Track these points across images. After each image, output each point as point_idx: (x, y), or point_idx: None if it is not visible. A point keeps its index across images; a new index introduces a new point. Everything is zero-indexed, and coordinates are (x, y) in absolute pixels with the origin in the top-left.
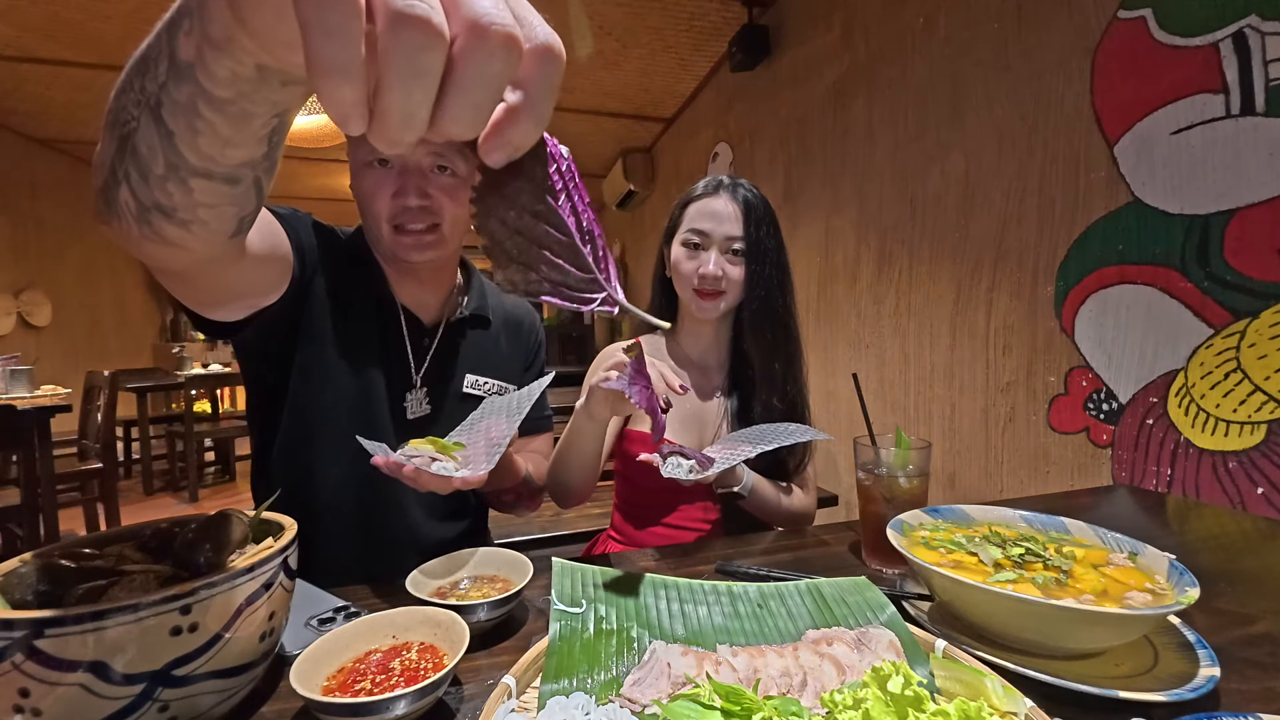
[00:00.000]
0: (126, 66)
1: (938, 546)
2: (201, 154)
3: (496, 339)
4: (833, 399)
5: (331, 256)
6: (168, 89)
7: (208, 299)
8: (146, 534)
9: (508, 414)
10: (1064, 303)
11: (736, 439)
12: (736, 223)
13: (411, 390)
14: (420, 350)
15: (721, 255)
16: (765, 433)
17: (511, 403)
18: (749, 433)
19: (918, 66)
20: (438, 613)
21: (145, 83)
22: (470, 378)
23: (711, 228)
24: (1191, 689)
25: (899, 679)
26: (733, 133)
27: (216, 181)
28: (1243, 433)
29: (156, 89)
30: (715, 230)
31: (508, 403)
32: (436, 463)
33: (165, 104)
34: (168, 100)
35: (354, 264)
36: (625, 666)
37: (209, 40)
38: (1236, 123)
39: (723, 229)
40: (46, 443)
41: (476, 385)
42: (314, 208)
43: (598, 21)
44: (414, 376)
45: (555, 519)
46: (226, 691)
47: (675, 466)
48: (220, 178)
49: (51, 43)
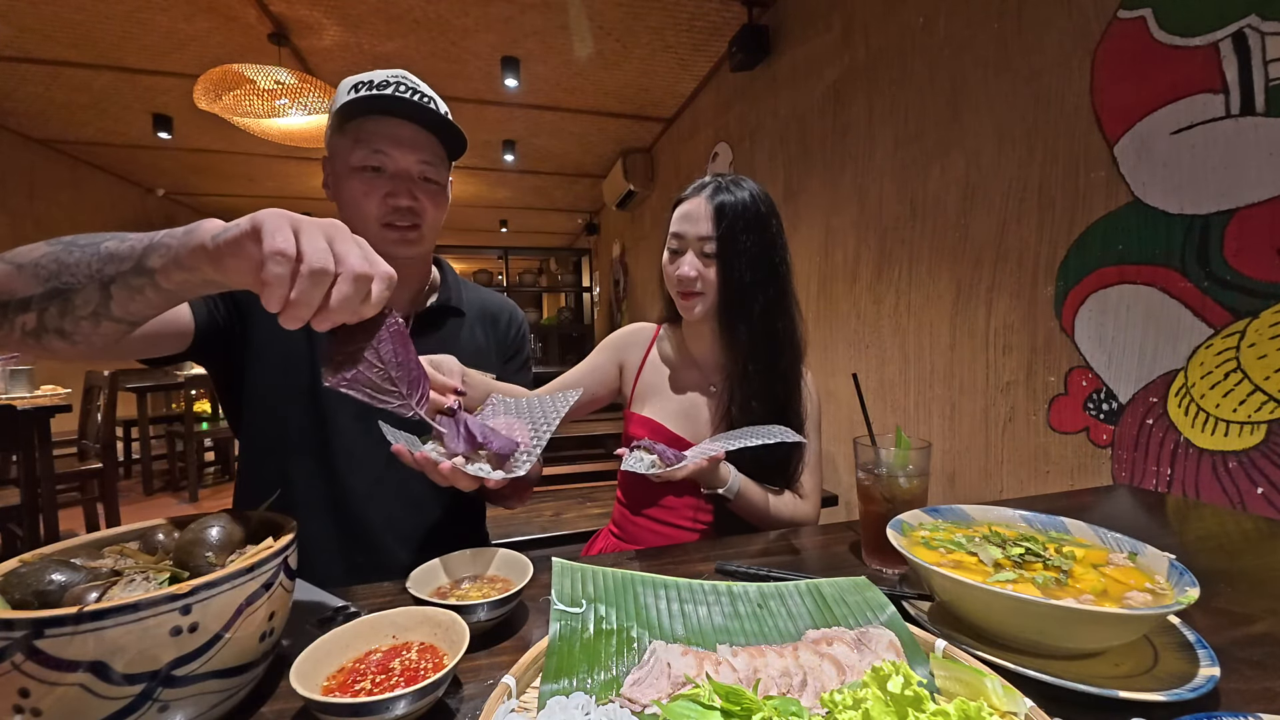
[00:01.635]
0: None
1: (938, 546)
2: (129, 312)
3: (471, 330)
4: (833, 399)
5: None
6: (125, 276)
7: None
8: (146, 534)
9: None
10: (1064, 303)
11: (716, 439)
12: (708, 222)
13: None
14: None
15: (696, 257)
16: (742, 433)
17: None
18: (729, 434)
19: (918, 66)
20: (438, 613)
21: (104, 267)
22: None
23: (686, 229)
24: (1191, 689)
25: (899, 679)
26: (732, 132)
27: (125, 325)
28: (1243, 433)
29: (113, 273)
30: (689, 232)
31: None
32: (472, 464)
33: (117, 282)
34: (121, 281)
35: None
36: (625, 666)
37: (178, 264)
38: (1236, 123)
39: (695, 230)
40: (46, 443)
41: None
42: (312, 207)
43: (598, 21)
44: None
45: (555, 519)
46: (226, 691)
47: (636, 461)
48: (131, 324)
49: (51, 43)
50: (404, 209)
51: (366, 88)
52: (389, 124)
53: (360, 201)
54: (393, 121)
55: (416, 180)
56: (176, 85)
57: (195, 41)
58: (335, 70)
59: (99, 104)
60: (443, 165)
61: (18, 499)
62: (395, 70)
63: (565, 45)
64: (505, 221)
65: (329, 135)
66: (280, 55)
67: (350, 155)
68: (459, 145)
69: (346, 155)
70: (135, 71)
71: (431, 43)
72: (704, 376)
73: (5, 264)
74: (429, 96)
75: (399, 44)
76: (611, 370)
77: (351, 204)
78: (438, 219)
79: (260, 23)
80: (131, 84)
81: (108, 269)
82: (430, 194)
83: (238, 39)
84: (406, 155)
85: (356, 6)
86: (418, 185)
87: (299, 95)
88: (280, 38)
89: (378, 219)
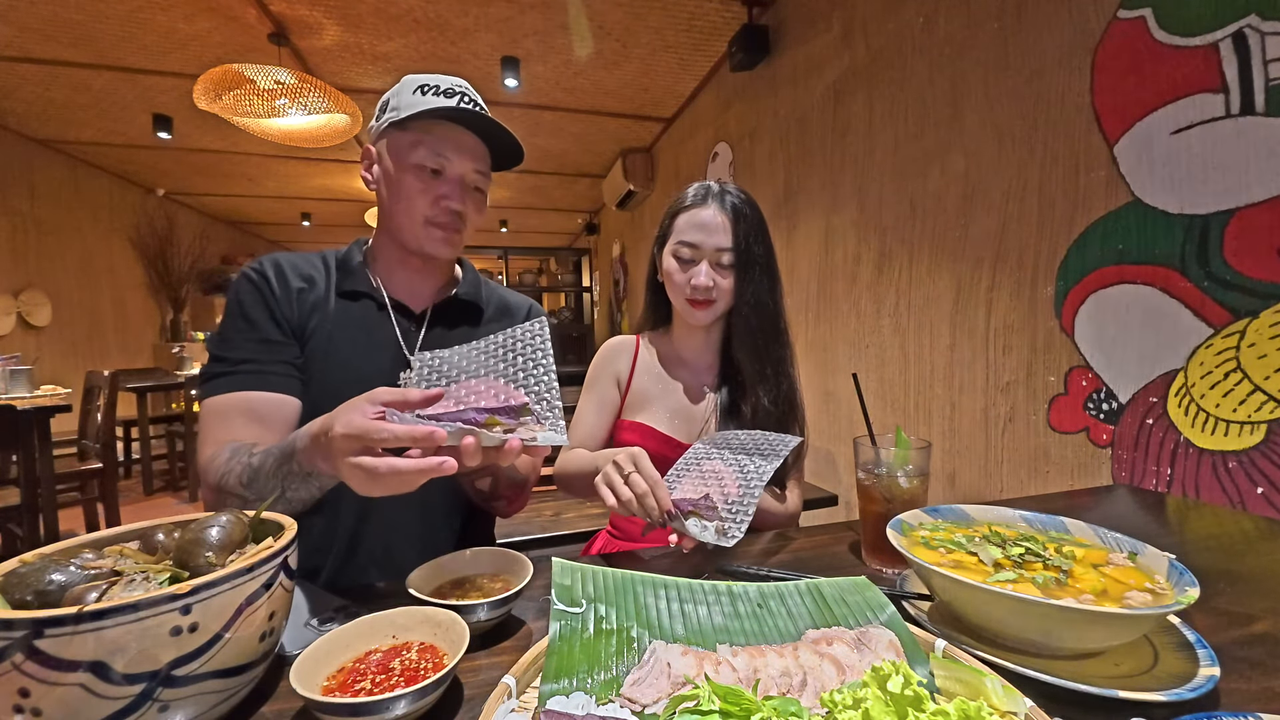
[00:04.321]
0: (254, 471)
1: (938, 546)
2: (289, 502)
3: (489, 325)
4: (832, 399)
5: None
6: (292, 484)
7: None
8: (147, 534)
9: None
10: (1064, 302)
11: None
12: (726, 234)
13: (406, 369)
14: (410, 335)
15: (712, 267)
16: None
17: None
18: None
19: (918, 66)
20: (438, 613)
21: (283, 484)
22: None
23: (701, 239)
24: (1191, 689)
25: (899, 679)
26: (732, 132)
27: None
28: (1243, 432)
29: (279, 484)
30: (705, 242)
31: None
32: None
33: (289, 489)
34: (290, 487)
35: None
36: (625, 666)
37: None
38: (1236, 122)
39: (712, 240)
40: (46, 443)
41: None
42: (312, 207)
43: (598, 21)
44: (408, 357)
45: (555, 519)
46: (226, 691)
47: (701, 530)
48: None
49: (51, 43)
50: (454, 212)
51: (434, 93)
52: (455, 130)
53: (414, 198)
54: (458, 129)
55: (469, 187)
56: (176, 85)
57: (195, 41)
58: (335, 70)
59: (99, 104)
60: (489, 176)
61: (18, 499)
62: (454, 79)
63: (565, 45)
64: (505, 221)
65: (382, 127)
66: (280, 55)
67: (411, 153)
68: (510, 159)
69: (406, 152)
70: (135, 71)
71: (431, 43)
72: (696, 377)
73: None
74: (485, 109)
75: (399, 44)
76: (614, 389)
77: (404, 198)
78: (477, 224)
79: (260, 23)
80: (131, 84)
81: (287, 487)
82: (476, 201)
83: (238, 39)
84: (465, 162)
85: (356, 6)
86: (469, 192)
87: (299, 95)
88: (280, 38)
89: (426, 217)
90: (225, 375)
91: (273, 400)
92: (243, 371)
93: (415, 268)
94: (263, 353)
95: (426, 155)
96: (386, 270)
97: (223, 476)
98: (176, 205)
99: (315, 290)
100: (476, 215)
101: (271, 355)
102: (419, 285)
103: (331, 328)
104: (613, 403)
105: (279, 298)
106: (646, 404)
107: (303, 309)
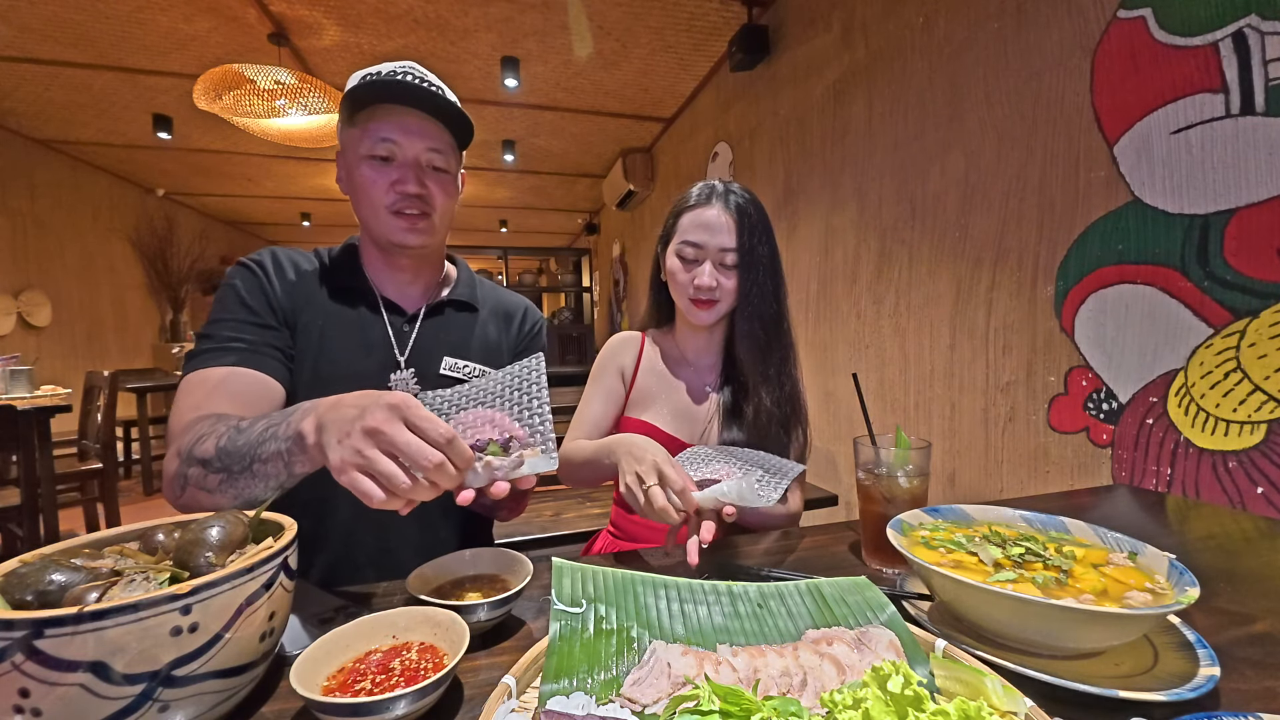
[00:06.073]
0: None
1: (938, 546)
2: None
3: (484, 326)
4: (833, 399)
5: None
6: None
7: None
8: (147, 534)
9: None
10: (1064, 302)
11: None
12: (730, 234)
13: (397, 370)
14: (402, 335)
15: (715, 267)
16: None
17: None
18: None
19: (917, 66)
20: (438, 613)
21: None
22: (449, 360)
23: (705, 239)
24: (1191, 688)
25: (899, 679)
26: (732, 132)
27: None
28: (1243, 432)
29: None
30: (709, 242)
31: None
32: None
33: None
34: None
35: (335, 275)
36: (625, 666)
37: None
38: (1236, 123)
39: (716, 240)
40: (46, 443)
41: (455, 368)
42: (312, 207)
43: (598, 21)
44: (398, 358)
45: (555, 519)
46: (226, 691)
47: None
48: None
49: (51, 43)
50: (412, 196)
51: (374, 78)
52: (396, 112)
53: (369, 189)
54: (400, 110)
55: (425, 168)
56: (176, 85)
57: (195, 41)
58: (335, 70)
59: (99, 104)
60: (452, 154)
61: (18, 499)
62: (404, 61)
63: (565, 45)
64: (505, 221)
65: (340, 129)
66: (280, 55)
67: (360, 145)
68: (467, 132)
69: (356, 145)
70: (135, 71)
71: (431, 43)
72: (698, 376)
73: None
74: (437, 86)
75: (399, 44)
76: (619, 382)
77: (362, 192)
78: (448, 207)
79: (260, 23)
80: (131, 84)
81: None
82: (440, 182)
83: (238, 39)
84: (415, 143)
85: (356, 6)
86: (426, 173)
87: (299, 95)
88: (280, 38)
89: (387, 207)
90: (211, 351)
91: (258, 380)
92: (230, 348)
93: (401, 266)
94: (253, 334)
95: (373, 143)
96: (375, 270)
97: (200, 439)
98: (176, 205)
99: (309, 284)
100: (444, 198)
101: (262, 338)
102: (407, 284)
103: (323, 323)
104: (618, 395)
105: (275, 285)
106: (649, 402)
107: (296, 300)
